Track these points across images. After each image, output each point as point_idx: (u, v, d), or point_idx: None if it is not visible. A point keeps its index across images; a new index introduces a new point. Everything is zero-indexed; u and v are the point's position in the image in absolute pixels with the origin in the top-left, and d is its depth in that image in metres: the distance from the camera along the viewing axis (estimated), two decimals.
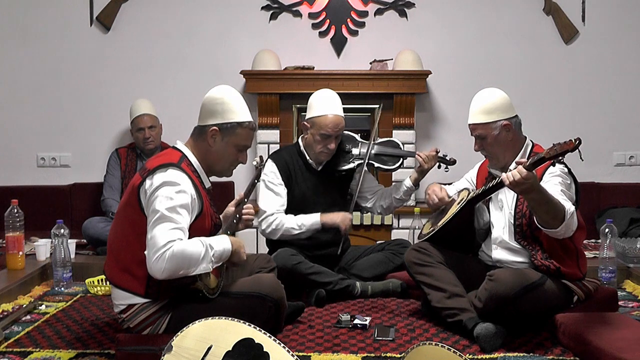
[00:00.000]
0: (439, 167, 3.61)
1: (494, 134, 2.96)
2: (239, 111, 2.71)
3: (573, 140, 2.46)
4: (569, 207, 2.67)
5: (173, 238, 2.42)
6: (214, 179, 2.81)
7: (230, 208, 2.88)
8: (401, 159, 3.68)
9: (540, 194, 2.58)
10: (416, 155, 3.57)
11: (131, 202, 2.57)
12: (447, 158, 3.59)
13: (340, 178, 3.67)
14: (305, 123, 3.56)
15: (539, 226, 2.71)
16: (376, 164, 3.66)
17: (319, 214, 3.48)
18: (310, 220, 3.47)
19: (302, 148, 3.62)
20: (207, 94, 2.76)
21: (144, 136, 4.54)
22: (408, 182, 3.62)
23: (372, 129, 3.79)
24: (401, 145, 3.74)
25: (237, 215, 2.82)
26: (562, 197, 2.71)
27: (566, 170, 2.85)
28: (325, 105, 3.50)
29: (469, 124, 3.04)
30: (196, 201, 2.57)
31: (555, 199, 2.62)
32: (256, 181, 2.98)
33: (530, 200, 2.65)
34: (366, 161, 3.59)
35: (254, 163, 3.03)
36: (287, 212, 3.54)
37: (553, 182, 2.78)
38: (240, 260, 2.68)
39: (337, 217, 3.48)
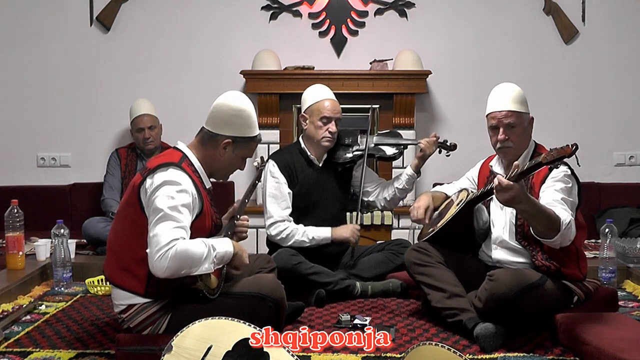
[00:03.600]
0: (440, 152, 3.62)
1: (525, 125, 2.96)
2: (255, 125, 2.74)
3: (570, 146, 2.46)
4: (565, 217, 2.65)
5: (176, 237, 2.42)
6: (213, 179, 2.81)
7: (224, 221, 2.88)
8: (402, 148, 3.69)
9: (530, 205, 2.57)
10: (419, 141, 3.58)
11: (132, 202, 2.57)
12: (448, 143, 3.60)
13: (342, 172, 3.68)
14: (304, 114, 3.58)
15: (535, 236, 2.71)
16: (377, 154, 3.67)
17: (330, 229, 3.51)
18: (321, 235, 3.50)
19: (302, 145, 3.62)
20: (223, 99, 2.71)
21: (143, 136, 4.54)
22: (409, 170, 3.62)
23: (368, 121, 3.76)
24: (401, 135, 3.76)
25: (231, 229, 2.82)
26: (561, 206, 2.69)
27: (569, 172, 2.84)
28: (319, 93, 3.57)
29: (499, 111, 2.93)
30: (197, 201, 2.57)
31: (548, 210, 2.61)
32: (257, 182, 2.98)
33: (521, 212, 2.67)
34: (366, 152, 3.59)
35: (255, 164, 3.04)
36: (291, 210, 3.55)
37: (554, 188, 2.77)
38: (242, 264, 2.68)
39: (347, 232, 3.52)
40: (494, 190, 2.57)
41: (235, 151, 2.71)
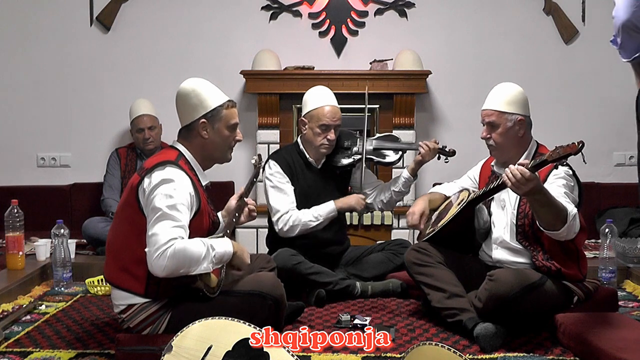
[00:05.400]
0: (439, 158, 3.61)
1: (508, 125, 2.96)
2: (215, 95, 2.73)
3: (576, 143, 2.46)
4: (572, 209, 2.66)
5: (175, 236, 2.43)
6: (213, 178, 2.81)
7: (233, 201, 2.90)
8: (401, 152, 3.69)
9: (543, 195, 2.58)
10: (419, 145, 3.57)
11: (130, 202, 2.58)
12: (447, 149, 3.59)
13: (341, 175, 3.67)
14: (303, 119, 3.57)
15: (541, 228, 2.71)
16: (376, 159, 3.66)
17: (332, 201, 3.49)
18: (325, 209, 3.47)
19: (301, 147, 3.62)
20: (176, 96, 2.76)
21: (143, 137, 4.54)
22: (406, 174, 3.61)
23: (364, 123, 3.72)
24: (400, 139, 3.75)
25: (240, 208, 2.84)
26: (565, 199, 2.71)
27: (570, 172, 2.85)
28: (320, 98, 3.54)
29: (484, 109, 3.03)
30: (194, 198, 2.57)
31: (557, 201, 2.62)
32: (255, 179, 2.99)
33: (533, 202, 2.66)
34: (364, 156, 3.58)
35: (253, 162, 3.04)
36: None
37: (557, 184, 2.78)
38: (243, 264, 2.67)
39: (352, 200, 3.50)
40: (512, 184, 2.56)
41: (214, 126, 2.70)
